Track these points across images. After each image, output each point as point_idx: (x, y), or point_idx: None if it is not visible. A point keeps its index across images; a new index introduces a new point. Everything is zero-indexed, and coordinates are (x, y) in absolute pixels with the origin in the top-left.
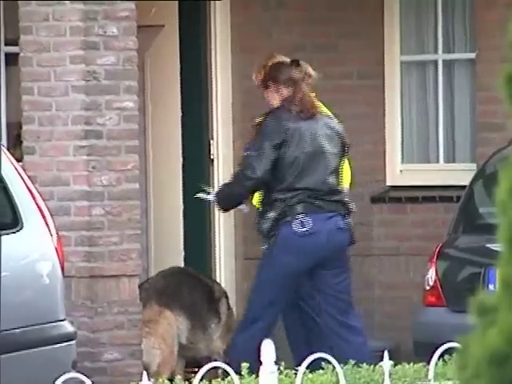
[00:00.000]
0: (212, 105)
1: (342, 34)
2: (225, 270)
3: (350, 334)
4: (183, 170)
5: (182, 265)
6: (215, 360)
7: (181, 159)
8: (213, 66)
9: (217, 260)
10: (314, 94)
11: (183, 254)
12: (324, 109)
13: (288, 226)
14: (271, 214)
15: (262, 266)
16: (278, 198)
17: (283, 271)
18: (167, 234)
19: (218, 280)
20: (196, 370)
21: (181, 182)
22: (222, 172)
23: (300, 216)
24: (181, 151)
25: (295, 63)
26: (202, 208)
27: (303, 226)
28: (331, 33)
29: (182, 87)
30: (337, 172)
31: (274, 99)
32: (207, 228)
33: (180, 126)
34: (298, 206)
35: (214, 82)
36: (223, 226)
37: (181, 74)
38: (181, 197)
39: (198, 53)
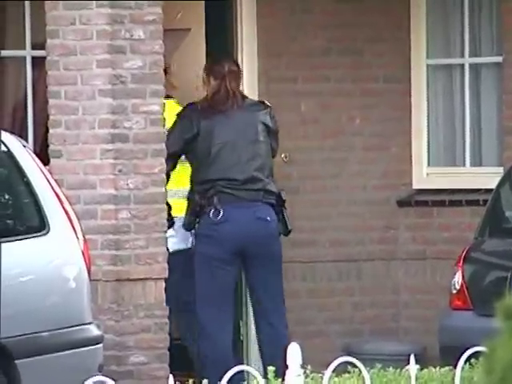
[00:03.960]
0: None
1: (368, 39)
2: None
3: (269, 328)
4: None
5: None
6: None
7: None
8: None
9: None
10: (238, 87)
11: None
12: (247, 99)
13: (205, 216)
14: (192, 207)
15: (193, 260)
16: (196, 191)
17: (207, 260)
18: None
19: (241, 284)
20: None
21: None
22: None
23: (216, 206)
24: None
25: (227, 58)
26: None
27: (218, 215)
28: (357, 37)
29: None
30: (257, 159)
31: (205, 90)
32: None
33: None
34: (215, 197)
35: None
36: None
37: None
38: None
39: (224, 53)
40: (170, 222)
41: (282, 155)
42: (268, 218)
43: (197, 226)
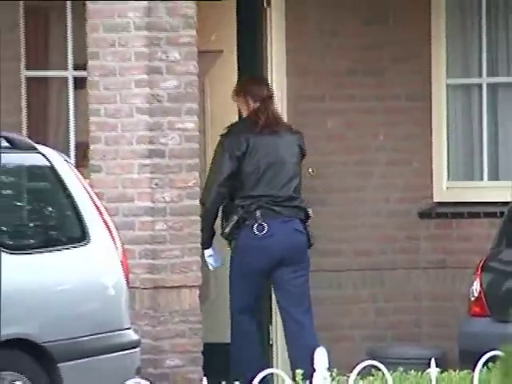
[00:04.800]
0: None
1: (390, 59)
2: None
3: (297, 328)
4: None
5: None
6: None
7: None
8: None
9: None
10: (278, 111)
11: None
12: (285, 123)
13: (247, 229)
14: (233, 219)
15: (231, 269)
16: (239, 205)
17: (247, 271)
18: (226, 247)
19: (271, 294)
20: None
21: None
22: None
23: (259, 221)
24: None
25: (265, 82)
26: None
27: (263, 230)
28: (381, 58)
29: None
30: (295, 180)
31: (244, 110)
32: None
33: None
34: (257, 212)
35: None
36: None
37: None
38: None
39: (254, 74)
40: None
41: (309, 169)
42: (303, 231)
43: (238, 237)
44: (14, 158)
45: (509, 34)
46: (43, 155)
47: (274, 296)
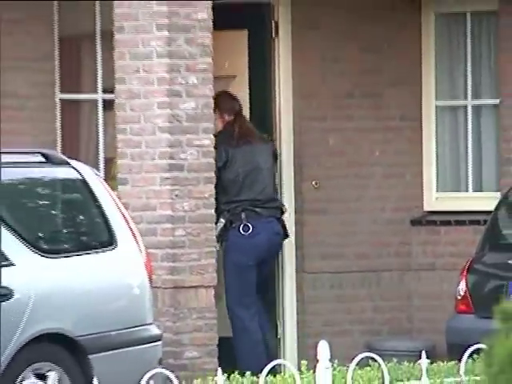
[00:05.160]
0: (276, 142)
1: (386, 83)
2: (286, 282)
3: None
4: None
5: None
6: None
7: None
8: (277, 110)
9: (279, 273)
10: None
11: None
12: (258, 133)
13: (235, 230)
14: (220, 223)
15: (225, 268)
16: (225, 209)
17: (238, 267)
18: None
19: (279, 290)
20: None
21: None
22: (285, 199)
23: (244, 221)
24: None
25: (236, 97)
26: None
27: (247, 229)
28: (377, 82)
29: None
30: (271, 183)
31: (219, 123)
32: None
33: None
34: (242, 214)
35: (277, 123)
36: (286, 243)
37: (250, 116)
38: None
39: (265, 99)
40: None
41: (313, 182)
42: (281, 233)
43: (227, 238)
44: (49, 172)
45: (491, 61)
46: (75, 169)
47: (280, 292)
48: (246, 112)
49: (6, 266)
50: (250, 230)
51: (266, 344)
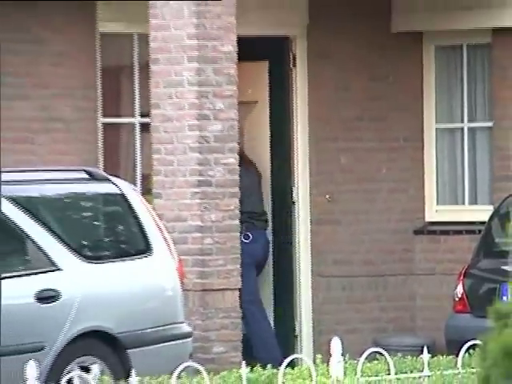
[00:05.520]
0: (294, 160)
1: (391, 109)
2: (303, 285)
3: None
4: (273, 210)
5: (271, 282)
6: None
7: (270, 202)
8: (294, 132)
9: (297, 277)
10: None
11: (272, 272)
12: (248, 157)
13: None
14: None
15: None
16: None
17: (245, 269)
18: None
19: (297, 292)
20: None
21: (270, 218)
22: (302, 211)
23: (244, 231)
24: (270, 196)
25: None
26: (287, 238)
27: (247, 238)
28: (383, 108)
29: (271, 148)
30: (261, 199)
31: None
32: (291, 252)
33: (269, 176)
34: (243, 225)
35: (295, 144)
36: (303, 250)
37: (271, 137)
38: (270, 229)
39: (283, 122)
40: None
41: (327, 196)
42: (269, 242)
43: None
44: (92, 187)
45: (485, 88)
46: (115, 185)
47: (298, 294)
48: (267, 134)
49: (54, 270)
50: (250, 238)
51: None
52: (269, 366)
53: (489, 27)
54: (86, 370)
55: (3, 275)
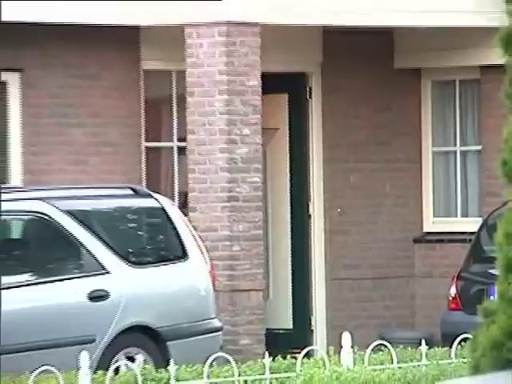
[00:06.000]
0: (309, 179)
1: (393, 134)
2: (318, 286)
3: None
4: (291, 222)
5: (290, 285)
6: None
7: (289, 215)
8: (310, 155)
9: (313, 279)
10: None
11: (291, 277)
12: None
13: None
14: None
15: None
16: None
17: None
18: (281, 263)
19: (313, 292)
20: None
21: (289, 229)
22: (317, 223)
23: None
24: (289, 209)
25: None
26: (304, 246)
27: None
28: (387, 133)
29: (290, 168)
30: None
31: None
32: (306, 259)
33: (289, 192)
34: None
35: (311, 165)
36: (318, 256)
37: (290, 159)
38: (289, 238)
39: (301, 146)
40: None
41: (338, 210)
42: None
43: None
44: (136, 202)
45: (474, 117)
46: (156, 200)
47: (313, 294)
48: (286, 156)
49: (104, 274)
50: None
51: None
52: (288, 356)
53: (477, 65)
54: (131, 359)
55: (62, 277)
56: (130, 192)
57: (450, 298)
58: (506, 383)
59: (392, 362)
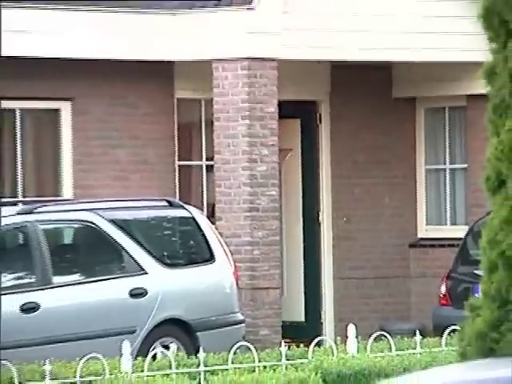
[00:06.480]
0: (319, 192)
1: (391, 155)
2: (327, 285)
3: None
4: (303, 229)
5: (302, 284)
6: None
7: (302, 222)
8: (320, 171)
9: (322, 279)
10: None
11: (303, 277)
12: None
13: None
14: None
15: None
16: None
17: None
18: (295, 264)
19: (322, 290)
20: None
21: (302, 235)
22: (326, 230)
23: None
24: (302, 218)
25: None
26: (314, 250)
27: None
28: (386, 154)
29: (302, 183)
30: None
31: None
32: (317, 261)
33: (301, 204)
34: None
35: (320, 181)
36: (326, 259)
37: (302, 175)
38: (302, 243)
39: (312, 165)
40: None
41: (344, 219)
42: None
43: None
44: (171, 212)
45: (461, 139)
46: (188, 210)
47: (323, 291)
48: (299, 172)
49: (143, 274)
50: None
51: None
52: (301, 345)
53: (464, 94)
54: (166, 347)
55: (107, 277)
56: (165, 204)
57: (441, 295)
58: (490, 369)
59: (391, 350)
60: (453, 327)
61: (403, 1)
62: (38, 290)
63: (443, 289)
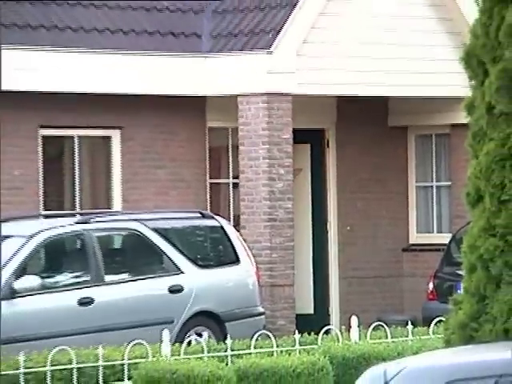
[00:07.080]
0: (327, 205)
1: (388, 174)
2: (333, 283)
3: None
4: (313, 236)
5: (312, 282)
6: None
7: (312, 231)
8: (327, 187)
9: (330, 278)
10: None
11: (313, 276)
12: None
13: None
14: None
15: None
16: None
17: None
18: (306, 266)
19: (330, 287)
20: None
21: (311, 241)
22: (333, 237)
23: None
24: (312, 226)
25: None
26: (323, 254)
27: None
28: (383, 173)
29: (312, 197)
30: None
31: None
32: (325, 263)
33: (311, 214)
34: None
35: (328, 195)
36: (333, 261)
37: (312, 190)
38: (311, 247)
39: (320, 183)
40: None
41: (348, 227)
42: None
43: None
44: (203, 222)
45: (446, 162)
46: (217, 221)
47: (331, 289)
48: (309, 189)
49: (180, 273)
50: None
51: None
52: (312, 333)
53: (449, 124)
54: (199, 335)
55: (149, 276)
56: (198, 215)
57: (429, 292)
58: (471, 353)
59: (387, 338)
60: (439, 318)
61: (401, 46)
62: (92, 286)
63: (431, 286)
